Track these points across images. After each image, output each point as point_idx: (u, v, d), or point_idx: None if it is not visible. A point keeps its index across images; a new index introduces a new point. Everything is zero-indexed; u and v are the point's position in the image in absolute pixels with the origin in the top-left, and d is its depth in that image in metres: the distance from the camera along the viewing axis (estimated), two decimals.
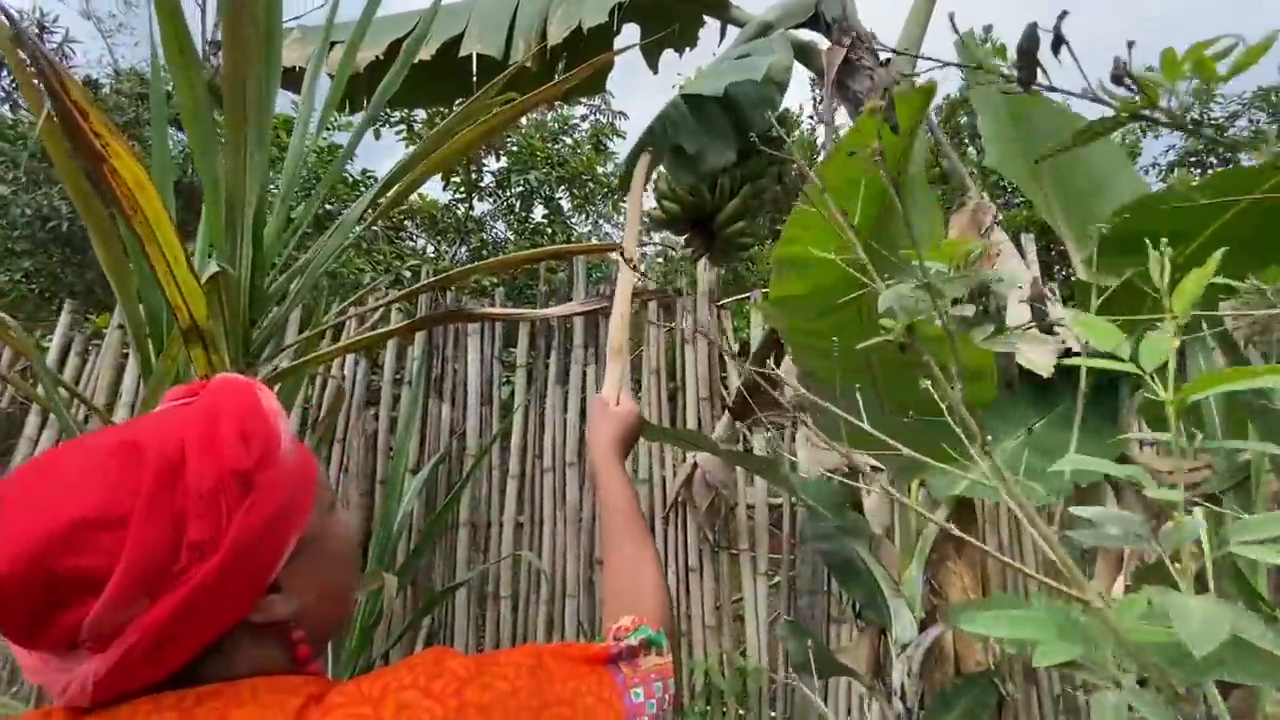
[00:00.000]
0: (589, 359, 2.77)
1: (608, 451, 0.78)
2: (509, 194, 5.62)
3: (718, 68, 1.59)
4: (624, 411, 0.84)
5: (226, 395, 0.47)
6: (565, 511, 2.63)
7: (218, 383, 0.49)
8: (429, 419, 2.76)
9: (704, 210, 1.66)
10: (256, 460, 0.44)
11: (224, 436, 0.43)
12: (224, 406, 0.46)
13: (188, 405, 0.47)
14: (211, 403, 0.46)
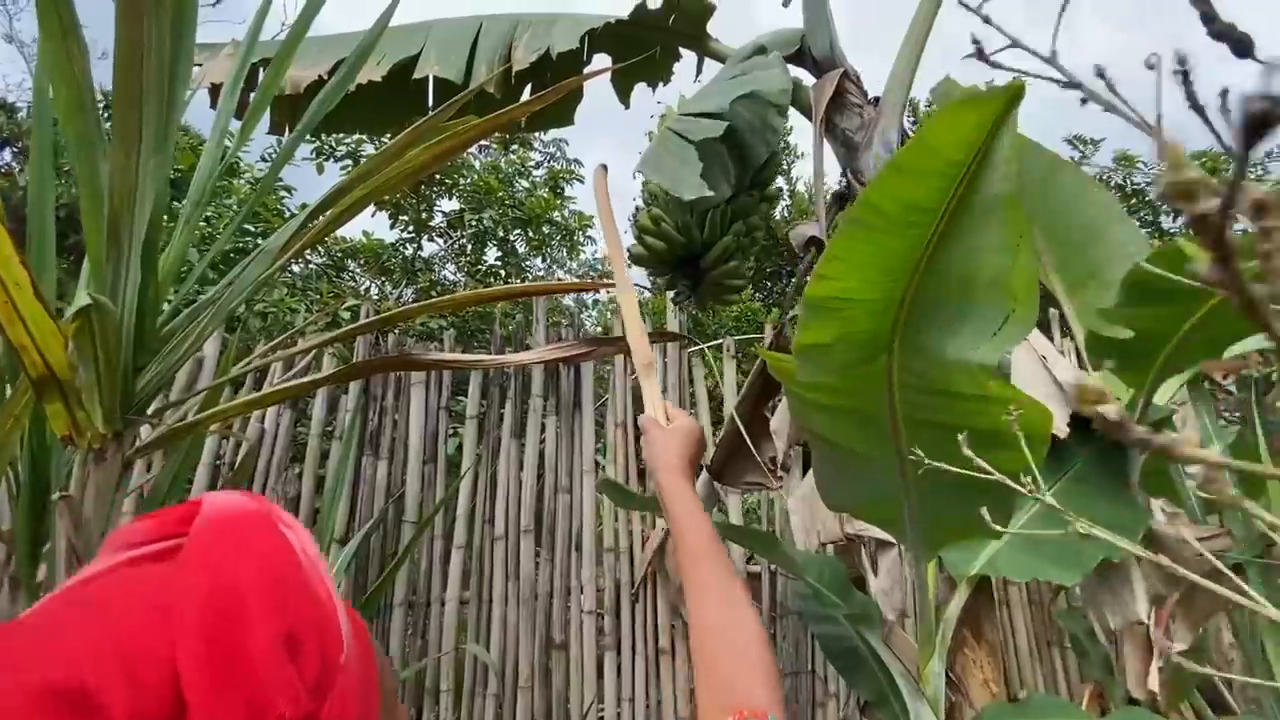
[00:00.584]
0: (548, 410, 2.51)
1: (677, 474, 0.68)
2: (461, 235, 5.38)
3: (715, 86, 1.44)
4: (684, 426, 0.75)
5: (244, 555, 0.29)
6: (518, 587, 2.31)
7: (217, 519, 0.30)
8: (362, 479, 2.42)
9: (691, 248, 1.47)
10: (316, 685, 0.28)
11: (257, 649, 0.27)
12: (244, 578, 0.28)
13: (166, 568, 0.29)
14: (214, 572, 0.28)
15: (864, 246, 0.82)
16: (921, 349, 0.92)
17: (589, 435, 2.47)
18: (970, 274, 0.80)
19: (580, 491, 2.41)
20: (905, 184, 0.75)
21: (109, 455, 1.20)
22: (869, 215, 0.79)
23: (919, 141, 0.71)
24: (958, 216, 0.76)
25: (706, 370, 2.45)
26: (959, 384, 0.92)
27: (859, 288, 0.87)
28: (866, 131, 1.81)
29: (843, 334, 0.93)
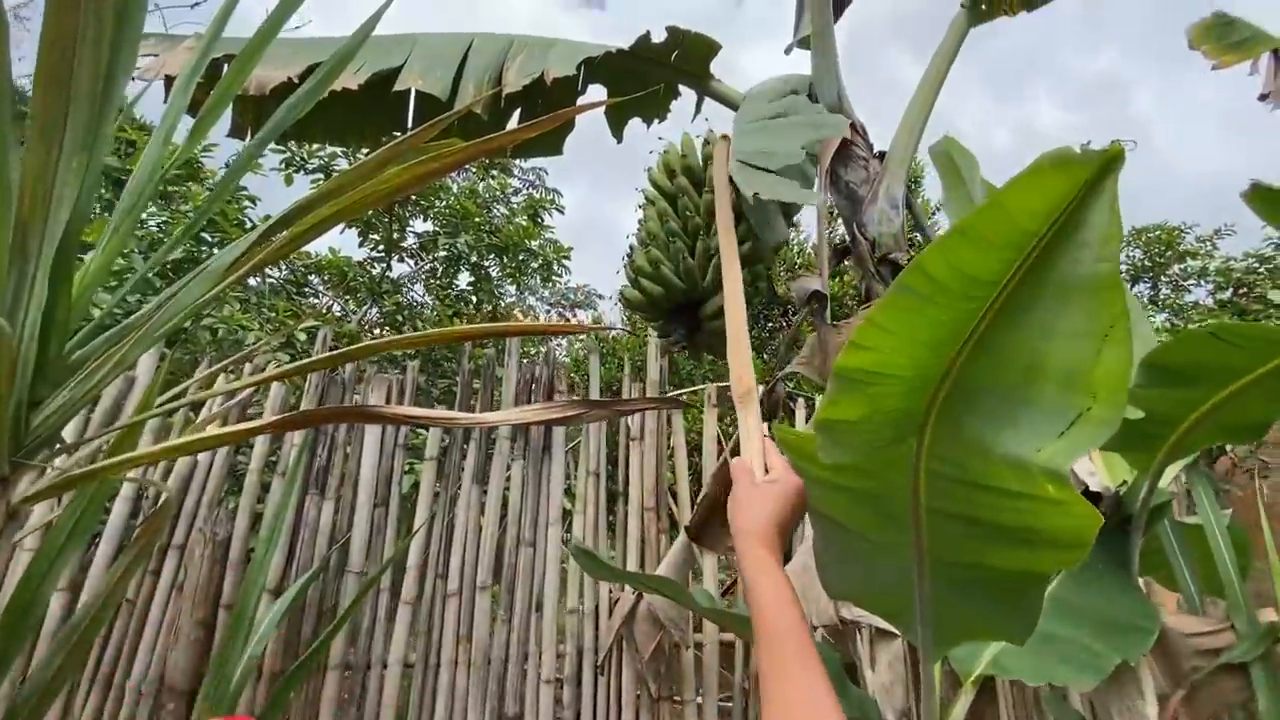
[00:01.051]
0: (516, 453, 2.33)
1: (761, 543, 0.62)
2: (433, 257, 5.20)
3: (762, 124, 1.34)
4: (783, 485, 0.68)
5: None
6: (470, 651, 2.09)
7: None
8: (304, 522, 2.19)
9: (691, 293, 1.35)
10: None
11: None
12: None
13: None
14: None
15: (910, 317, 0.71)
16: (963, 437, 0.81)
17: (558, 483, 2.30)
18: (1038, 360, 0.69)
19: (545, 545, 2.22)
20: (969, 252, 0.64)
21: None
22: (920, 283, 0.68)
23: (994, 205, 0.60)
24: (1028, 293, 0.66)
25: (688, 421, 2.32)
26: (1003, 479, 0.81)
27: (897, 362, 0.76)
28: (871, 186, 1.75)
29: (872, 411, 0.81)
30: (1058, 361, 0.67)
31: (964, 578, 1.07)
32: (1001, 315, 0.68)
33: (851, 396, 0.78)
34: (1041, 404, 0.71)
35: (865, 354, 0.74)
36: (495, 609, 2.16)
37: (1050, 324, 0.66)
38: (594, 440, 2.38)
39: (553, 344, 5.71)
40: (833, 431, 0.82)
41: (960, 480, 0.92)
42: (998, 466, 0.78)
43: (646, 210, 1.51)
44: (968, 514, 0.95)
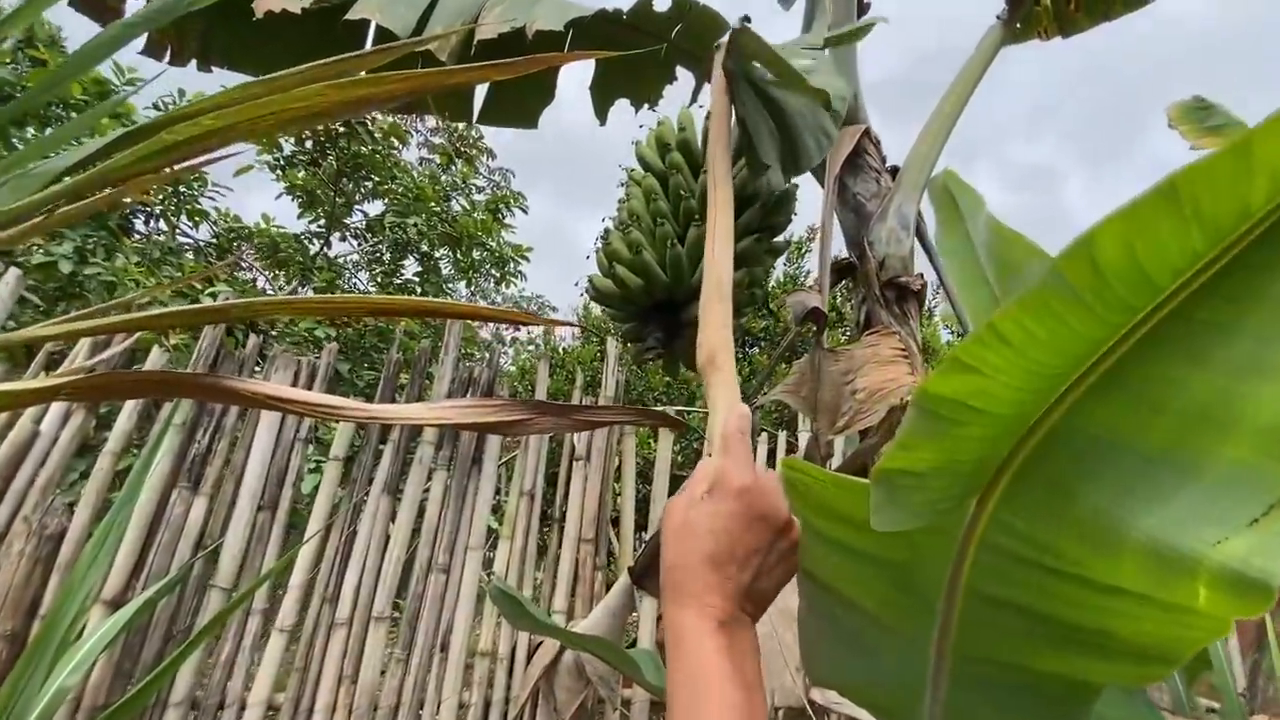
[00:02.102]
0: (440, 462, 2.01)
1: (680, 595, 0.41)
2: (380, 241, 4.80)
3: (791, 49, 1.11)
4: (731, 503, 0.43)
5: None
6: (354, 695, 1.73)
7: None
8: (165, 520, 1.79)
9: (676, 289, 1.11)
10: None
11: None
12: None
13: None
14: None
15: (1047, 324, 0.48)
16: (1061, 508, 0.58)
17: (485, 501, 1.98)
18: (1221, 407, 0.47)
19: (461, 572, 1.90)
20: (1164, 224, 0.42)
21: None
22: (1079, 273, 0.45)
23: (1234, 151, 0.39)
24: (1236, 301, 0.44)
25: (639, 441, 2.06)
26: (1107, 571, 0.58)
27: (999, 393, 0.53)
28: (881, 202, 1.57)
29: (948, 461, 0.58)
30: (1265, 412, 0.45)
31: (995, 680, 0.83)
32: (1175, 335, 0.47)
33: (930, 438, 0.54)
34: (1210, 473, 0.49)
35: (964, 377, 0.51)
36: (391, 645, 1.81)
37: (1260, 355, 0.44)
38: (533, 455, 2.09)
39: (498, 348, 5.36)
40: (894, 486, 0.58)
41: (1029, 561, 0.67)
42: (1115, 553, 0.55)
43: (630, 189, 1.28)
44: (1025, 604, 0.71)
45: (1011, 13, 1.60)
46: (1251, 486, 0.47)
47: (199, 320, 1.38)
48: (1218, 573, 0.49)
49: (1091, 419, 0.56)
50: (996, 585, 0.72)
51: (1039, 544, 0.65)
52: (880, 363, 1.36)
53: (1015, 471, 0.64)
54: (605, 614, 1.61)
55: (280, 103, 0.86)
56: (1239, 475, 0.47)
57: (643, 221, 1.18)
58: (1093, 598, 0.63)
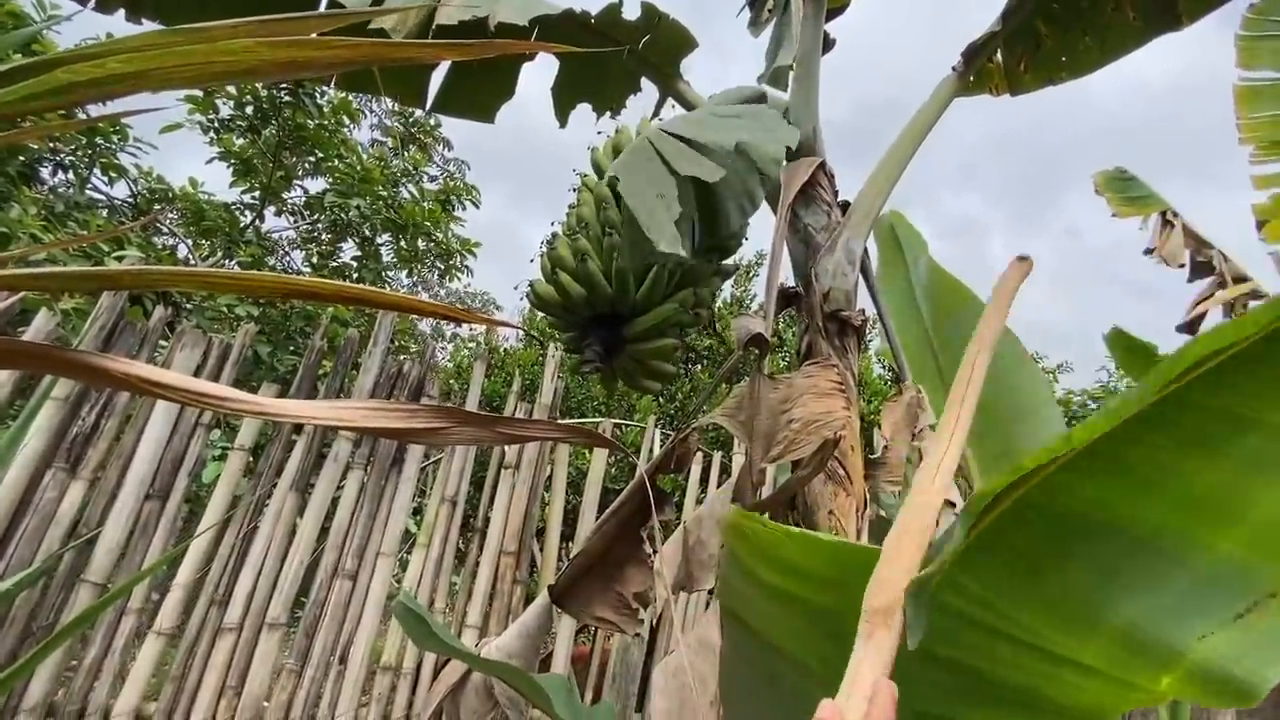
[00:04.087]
0: (357, 460, 1.89)
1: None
2: (318, 219, 4.56)
3: (707, 117, 1.10)
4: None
5: None
6: (236, 708, 1.58)
7: None
8: (35, 504, 1.60)
9: (620, 303, 1.07)
10: None
11: None
12: None
13: None
14: None
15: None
16: (1023, 580, 0.57)
17: (403, 505, 1.88)
18: (1220, 497, 0.46)
19: (370, 579, 1.78)
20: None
21: None
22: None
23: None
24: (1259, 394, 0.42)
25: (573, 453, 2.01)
26: (1075, 650, 0.57)
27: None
28: (831, 235, 1.59)
29: None
30: (1265, 508, 0.44)
31: None
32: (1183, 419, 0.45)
33: None
34: (1198, 564, 0.47)
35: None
36: (284, 655, 1.68)
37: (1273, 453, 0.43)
38: (459, 460, 2.00)
39: (435, 343, 5.18)
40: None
41: (980, 624, 0.66)
42: (1088, 634, 0.54)
43: (581, 194, 1.23)
44: (966, 663, 0.70)
45: (966, 66, 1.66)
46: (1234, 585, 0.46)
47: (88, 285, 1.24)
48: (1197, 668, 0.47)
49: (1074, 495, 0.53)
50: (939, 643, 0.70)
51: (996, 610, 0.63)
52: (818, 394, 1.36)
53: (977, 537, 0.62)
54: (520, 634, 1.54)
55: (203, 54, 0.77)
56: (1225, 572, 0.46)
57: (591, 229, 1.14)
58: (1043, 666, 0.61)
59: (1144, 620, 0.48)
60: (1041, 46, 1.67)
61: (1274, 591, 0.44)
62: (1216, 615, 0.45)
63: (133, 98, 0.71)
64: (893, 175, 1.64)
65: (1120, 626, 0.49)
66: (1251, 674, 0.43)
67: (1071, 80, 1.66)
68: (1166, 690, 0.48)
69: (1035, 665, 0.56)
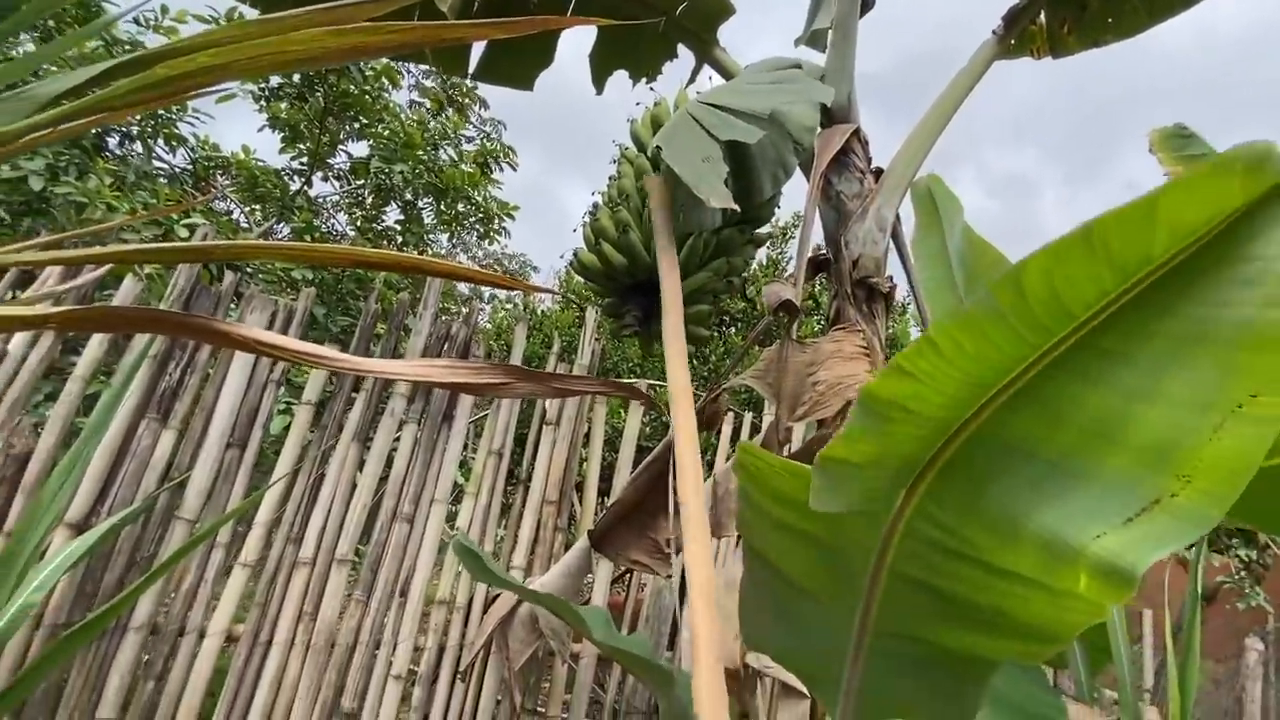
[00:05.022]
0: (411, 415, 2.04)
1: None
2: (363, 184, 4.70)
3: (747, 85, 1.15)
4: None
5: None
6: (312, 632, 1.79)
7: None
8: (133, 449, 1.80)
9: (656, 272, 1.15)
10: None
11: None
12: None
13: None
14: None
15: (973, 341, 0.55)
16: (974, 502, 0.66)
17: (453, 456, 2.03)
18: (1112, 422, 0.54)
19: (425, 523, 1.95)
20: (1079, 262, 0.48)
21: None
22: (1006, 296, 0.51)
23: (1141, 205, 0.44)
24: (1132, 334, 0.50)
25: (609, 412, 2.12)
26: (1004, 557, 0.66)
27: (932, 396, 0.59)
28: (862, 202, 1.62)
29: (882, 454, 0.64)
30: (1145, 430, 0.52)
31: (907, 653, 0.93)
32: (1080, 359, 0.53)
33: (869, 433, 0.61)
34: (1100, 479, 0.56)
35: (902, 381, 0.57)
36: (351, 587, 1.87)
37: (1150, 383, 0.51)
38: (504, 416, 2.13)
39: (477, 304, 5.33)
40: (834, 474, 0.65)
41: (944, 547, 0.76)
42: (1014, 543, 0.63)
43: (622, 166, 1.30)
44: (936, 585, 0.81)
45: (1007, 30, 1.64)
46: (1127, 492, 0.55)
47: (183, 259, 1.38)
48: (1095, 563, 0.57)
49: (1007, 428, 0.63)
50: (915, 568, 0.81)
51: (954, 533, 0.73)
52: (842, 358, 1.43)
53: (940, 469, 0.72)
54: (563, 573, 1.69)
55: (277, 44, 0.89)
56: (1121, 482, 0.55)
57: (631, 201, 1.21)
58: (993, 581, 0.72)
59: (1056, 527, 0.57)
60: (1087, 8, 1.64)
61: (1156, 499, 0.51)
62: (1110, 520, 0.54)
63: None
64: (927, 142, 1.66)
65: (1041, 535, 0.58)
66: (1132, 566, 0.52)
67: (1117, 42, 1.63)
68: (1086, 592, 0.56)
69: (990, 582, 0.65)
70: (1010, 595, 0.73)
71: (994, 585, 0.74)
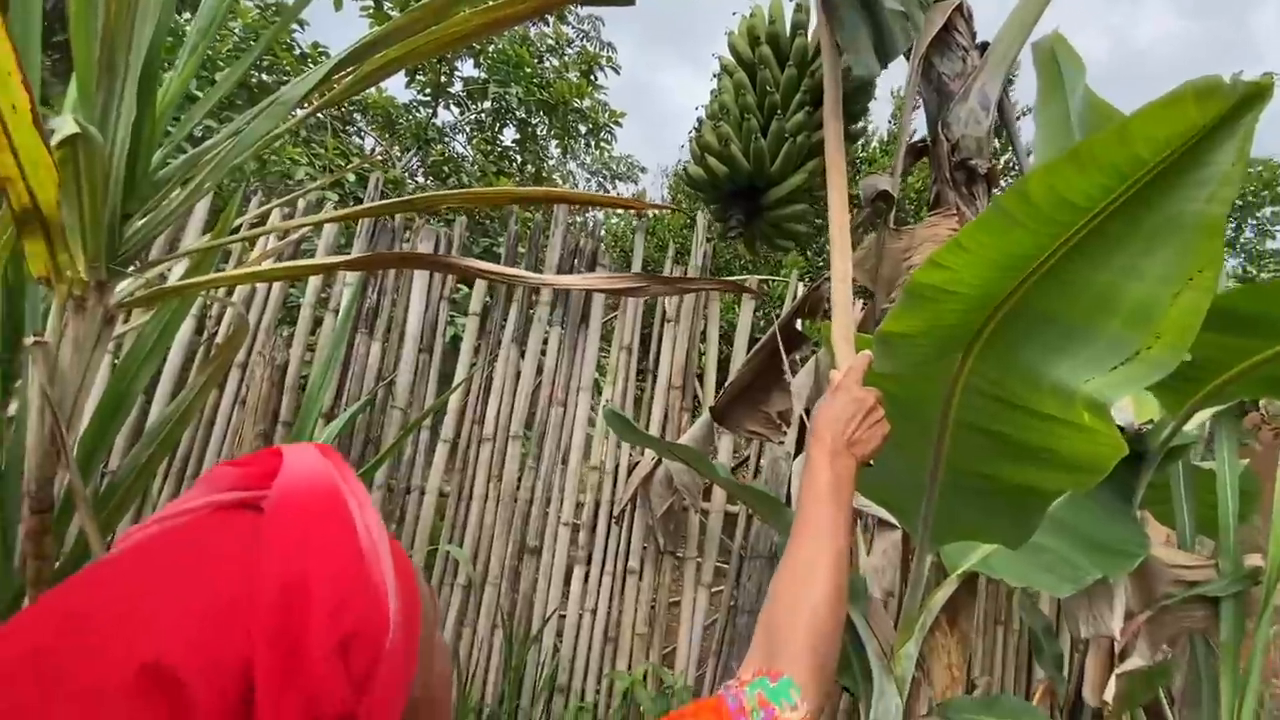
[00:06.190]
0: (554, 320, 2.41)
1: (812, 435, 0.70)
2: (480, 108, 5.00)
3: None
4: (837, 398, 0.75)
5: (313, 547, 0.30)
6: (500, 489, 2.30)
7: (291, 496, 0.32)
8: (354, 357, 2.33)
9: (757, 178, 1.32)
10: (362, 681, 0.30)
11: (316, 653, 0.28)
12: (312, 577, 0.29)
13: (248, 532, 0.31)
14: (287, 564, 0.29)
15: (993, 239, 0.71)
16: (1012, 359, 0.83)
17: (592, 352, 2.39)
18: (1110, 295, 0.70)
19: (575, 407, 2.36)
20: (1074, 175, 0.63)
21: (89, 305, 1.08)
22: (1015, 205, 0.67)
23: (1118, 130, 0.58)
24: (1121, 227, 0.65)
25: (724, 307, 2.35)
26: (1040, 403, 0.84)
27: (967, 280, 0.76)
28: (965, 81, 1.62)
29: (930, 327, 0.83)
30: (1131, 299, 0.67)
31: (973, 486, 1.14)
32: (1086, 248, 0.68)
33: (915, 312, 0.80)
34: (1101, 338, 0.72)
35: (940, 272, 0.75)
36: (525, 456, 2.35)
37: (1135, 263, 0.66)
38: (630, 316, 2.44)
39: (590, 214, 5.62)
40: (890, 344, 0.85)
41: (995, 398, 0.96)
42: (1041, 390, 0.81)
43: (721, 80, 1.44)
44: (993, 429, 1.01)
45: None
46: (1118, 347, 0.72)
47: (409, 209, 1.75)
48: (1088, 399, 0.75)
49: (1037, 300, 0.81)
50: (973, 415, 1.02)
51: (1001, 385, 0.93)
52: (936, 243, 1.55)
53: (990, 333, 0.92)
54: (691, 440, 2.02)
55: (439, 31, 1.18)
56: (1112, 340, 0.72)
57: (731, 115, 1.36)
58: (1034, 421, 0.92)
59: (1064, 376, 0.74)
60: None
61: (1137, 351, 0.67)
62: (1100, 369, 0.71)
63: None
64: (1033, 14, 1.62)
65: (1055, 383, 0.76)
66: (1105, 398, 0.69)
67: None
68: (1091, 424, 0.74)
69: (1033, 424, 0.84)
70: (1052, 434, 0.91)
71: (1036, 426, 0.93)
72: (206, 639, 0.27)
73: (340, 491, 0.34)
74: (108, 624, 0.27)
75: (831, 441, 0.68)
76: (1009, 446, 1.00)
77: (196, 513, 0.33)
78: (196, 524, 0.32)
